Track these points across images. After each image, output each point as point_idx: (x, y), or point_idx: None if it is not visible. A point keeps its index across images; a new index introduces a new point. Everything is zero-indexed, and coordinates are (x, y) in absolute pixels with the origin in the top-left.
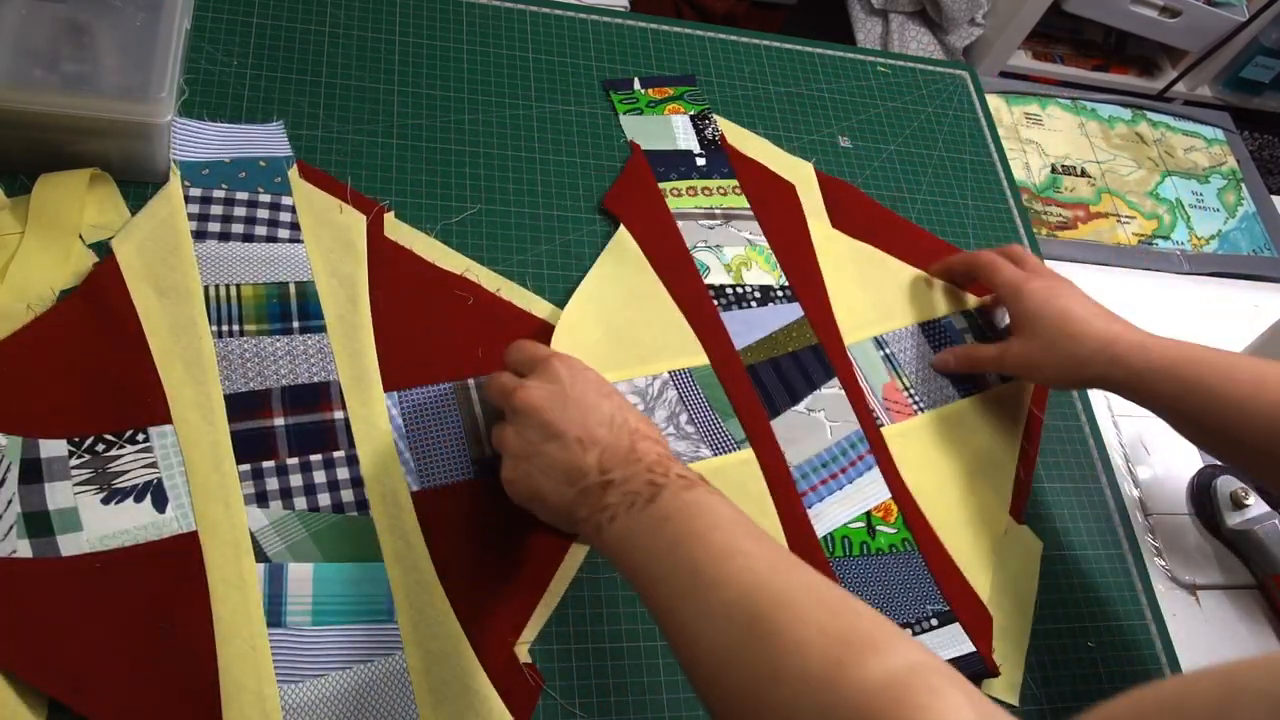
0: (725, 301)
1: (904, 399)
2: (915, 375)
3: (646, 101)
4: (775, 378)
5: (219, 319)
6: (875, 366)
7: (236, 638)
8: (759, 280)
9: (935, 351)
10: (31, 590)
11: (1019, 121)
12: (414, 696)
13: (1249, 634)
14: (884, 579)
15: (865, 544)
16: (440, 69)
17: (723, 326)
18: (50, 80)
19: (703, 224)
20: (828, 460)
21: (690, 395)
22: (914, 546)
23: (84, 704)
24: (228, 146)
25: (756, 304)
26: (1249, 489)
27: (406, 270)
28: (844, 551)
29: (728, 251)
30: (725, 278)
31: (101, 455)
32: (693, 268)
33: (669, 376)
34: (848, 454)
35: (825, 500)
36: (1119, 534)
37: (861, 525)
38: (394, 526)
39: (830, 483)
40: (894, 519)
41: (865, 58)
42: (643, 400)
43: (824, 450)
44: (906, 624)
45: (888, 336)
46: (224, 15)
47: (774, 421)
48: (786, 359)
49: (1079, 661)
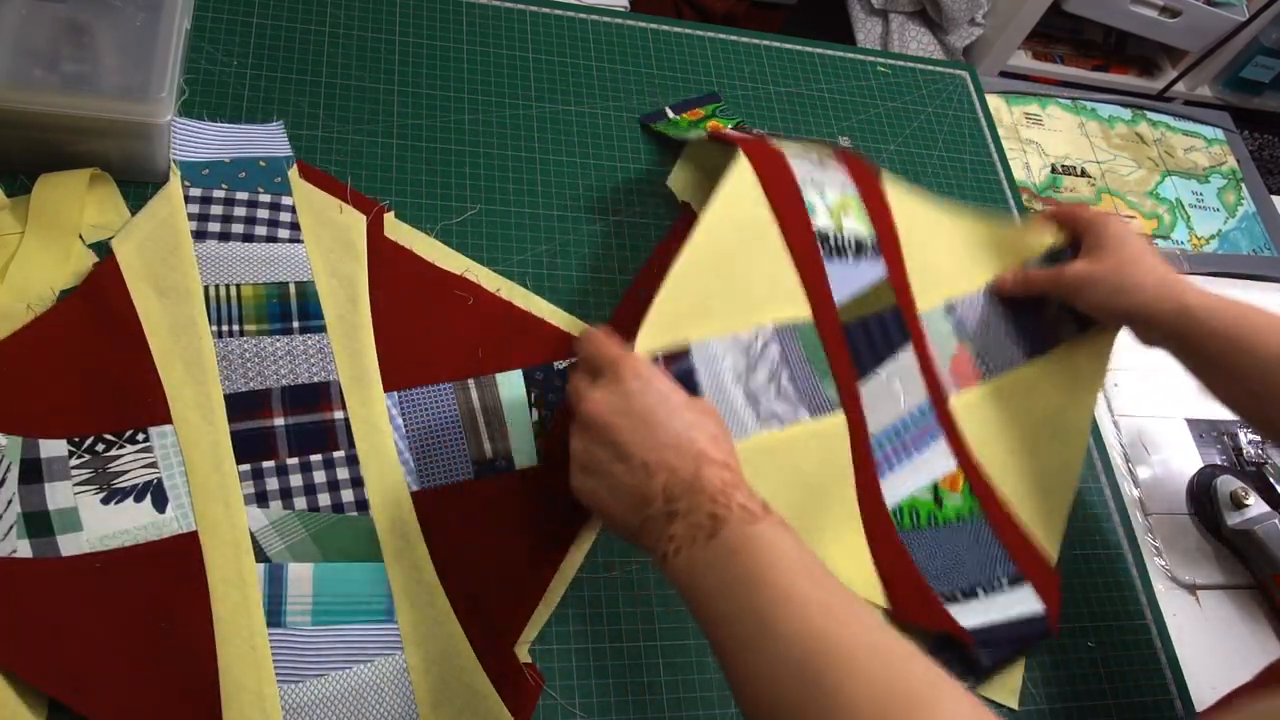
0: (829, 249)
1: (972, 366)
2: (985, 340)
3: (688, 124)
4: (864, 338)
5: (219, 319)
6: (944, 334)
7: (236, 638)
8: (855, 231)
9: (1009, 311)
10: (31, 590)
11: (1019, 121)
12: (414, 696)
13: (1249, 634)
14: (953, 547)
15: (933, 515)
16: (440, 69)
17: (825, 278)
18: (50, 80)
19: (811, 161)
20: (900, 430)
21: (792, 352)
22: (981, 516)
23: (84, 704)
24: (228, 146)
25: (854, 257)
26: (1249, 489)
27: (406, 270)
28: (912, 523)
29: (830, 194)
30: (829, 222)
31: (101, 455)
32: (803, 206)
33: (773, 330)
34: (918, 423)
35: (895, 470)
36: (1119, 534)
37: (929, 496)
38: (394, 526)
39: (900, 453)
40: (960, 488)
41: (865, 58)
42: (746, 357)
43: (898, 420)
44: (977, 585)
45: (957, 301)
46: (224, 15)
47: (862, 383)
48: (873, 319)
49: (1079, 661)
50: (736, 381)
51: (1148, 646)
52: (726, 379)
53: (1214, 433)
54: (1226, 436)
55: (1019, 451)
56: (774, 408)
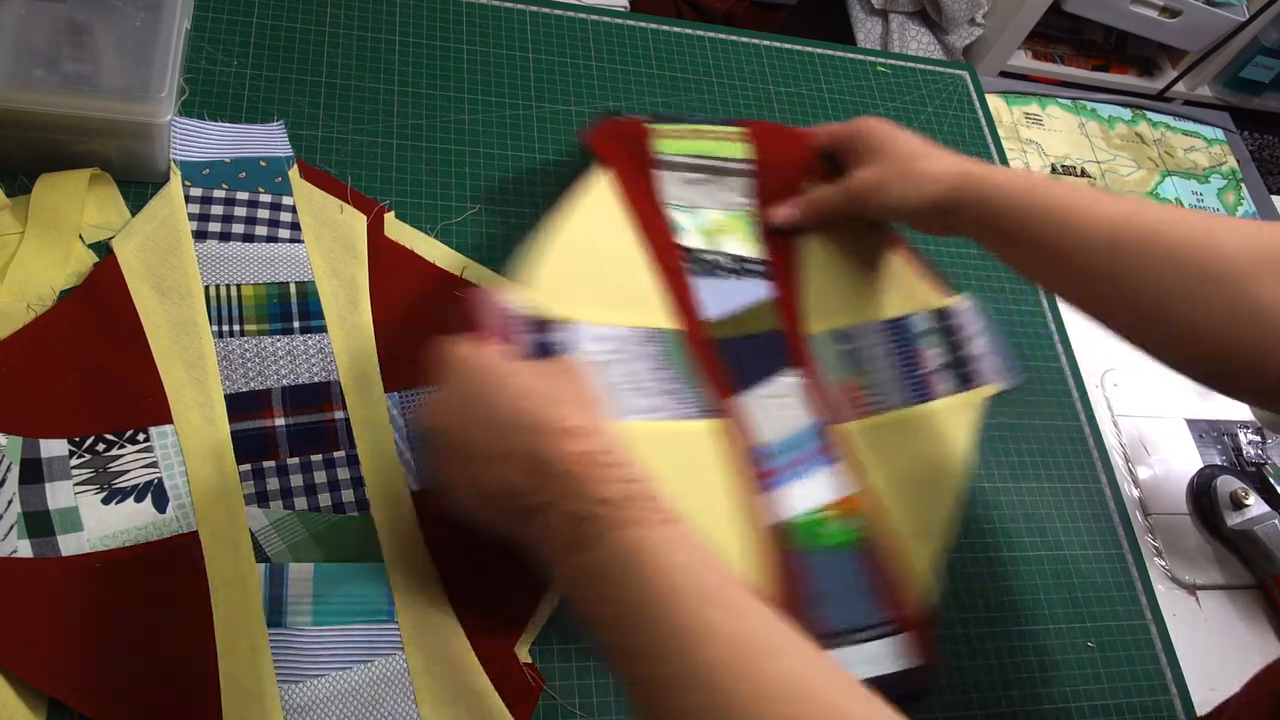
0: (697, 267)
1: (861, 397)
2: (873, 375)
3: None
4: (742, 355)
5: (219, 319)
6: (834, 360)
7: (236, 638)
8: (735, 250)
9: (899, 352)
10: (31, 590)
11: (1019, 121)
12: (414, 696)
13: (1249, 634)
14: (831, 577)
15: (817, 537)
16: (440, 69)
17: (691, 293)
18: (50, 80)
19: (687, 176)
20: (790, 447)
21: (661, 356)
22: (866, 547)
23: (84, 704)
24: (228, 146)
25: (731, 275)
26: (1249, 489)
27: (406, 270)
28: (796, 543)
29: (704, 214)
30: (699, 241)
31: (102, 455)
32: (664, 223)
33: (647, 333)
34: (806, 446)
35: (782, 487)
36: (1119, 534)
37: (818, 519)
38: (394, 526)
39: (789, 471)
40: (848, 515)
41: (865, 58)
42: (611, 350)
43: (788, 437)
44: (850, 630)
45: (852, 329)
46: (224, 15)
47: (738, 399)
48: (754, 339)
49: (1079, 661)
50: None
51: (1148, 646)
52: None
53: (1214, 433)
54: (1226, 436)
55: (897, 492)
56: (635, 402)
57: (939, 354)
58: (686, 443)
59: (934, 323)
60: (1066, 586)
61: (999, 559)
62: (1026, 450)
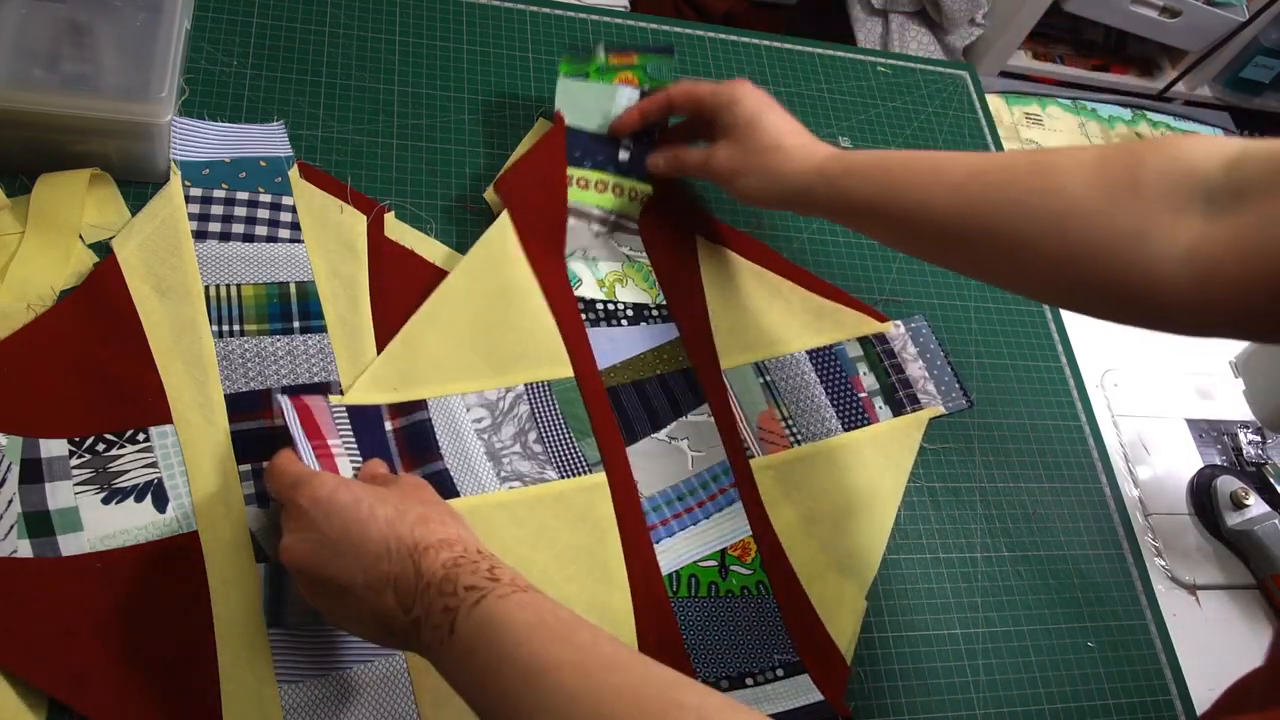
0: (594, 317)
1: (781, 429)
2: (796, 405)
3: (597, 67)
4: (637, 402)
5: (219, 319)
6: (752, 393)
7: (236, 638)
8: (633, 298)
9: (828, 380)
10: (31, 590)
11: (1019, 121)
12: (414, 696)
13: (1249, 634)
14: (731, 623)
15: (715, 584)
16: (440, 69)
17: (587, 343)
18: (50, 80)
19: (592, 228)
20: (684, 493)
21: (545, 411)
22: (769, 590)
23: (84, 704)
24: (228, 146)
25: (628, 322)
26: (1249, 489)
27: (406, 270)
28: (689, 591)
29: (603, 266)
30: (597, 292)
31: (102, 455)
32: (565, 276)
33: (524, 390)
34: (708, 487)
35: (676, 535)
36: (1119, 534)
37: (714, 564)
38: None
39: (684, 517)
40: (751, 558)
41: (865, 58)
42: (491, 414)
43: (681, 482)
44: (750, 673)
45: (770, 363)
46: (224, 15)
47: (631, 448)
48: (653, 382)
49: (1079, 661)
50: (478, 437)
51: (1148, 646)
52: (467, 434)
53: (1214, 433)
54: (1226, 436)
55: (820, 524)
56: (518, 467)
57: (873, 379)
58: (574, 498)
59: (865, 349)
60: (1066, 586)
61: (999, 559)
62: (1026, 450)
